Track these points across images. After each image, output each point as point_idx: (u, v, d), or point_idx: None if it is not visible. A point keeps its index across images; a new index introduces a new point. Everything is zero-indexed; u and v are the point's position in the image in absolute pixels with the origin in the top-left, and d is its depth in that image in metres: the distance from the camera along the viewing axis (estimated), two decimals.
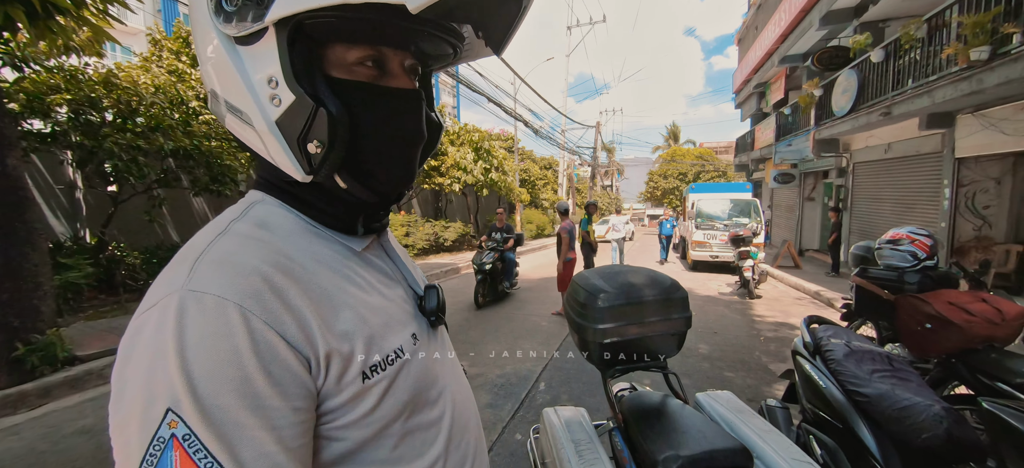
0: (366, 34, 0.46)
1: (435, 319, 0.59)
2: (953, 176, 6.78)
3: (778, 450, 1.15)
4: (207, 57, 0.47)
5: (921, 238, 2.45)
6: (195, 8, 0.47)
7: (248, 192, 0.55)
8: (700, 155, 39.24)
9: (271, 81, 0.44)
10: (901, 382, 1.79)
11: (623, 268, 1.40)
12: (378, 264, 0.57)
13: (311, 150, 0.46)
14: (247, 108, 0.46)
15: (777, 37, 11.82)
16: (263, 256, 0.44)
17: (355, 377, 0.46)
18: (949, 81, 5.46)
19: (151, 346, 0.38)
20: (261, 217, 0.50)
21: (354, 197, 0.51)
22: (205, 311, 0.39)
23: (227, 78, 0.46)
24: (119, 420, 0.38)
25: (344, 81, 0.47)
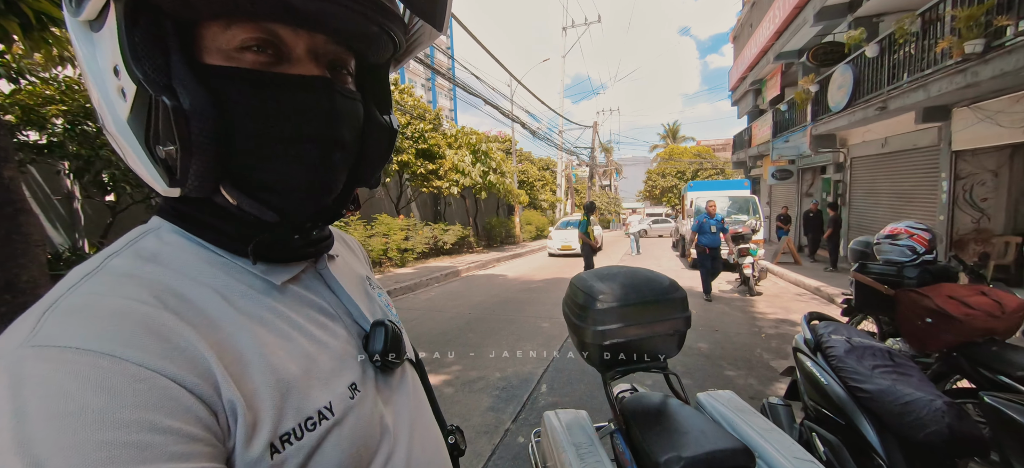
0: (245, 6, 0.35)
1: (383, 363, 0.49)
2: (950, 169, 6.80)
3: (780, 449, 1.15)
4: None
5: (920, 232, 2.45)
6: None
7: (150, 220, 0.44)
8: (698, 153, 39.32)
9: (116, 70, 0.36)
10: (903, 377, 1.79)
11: (621, 269, 1.39)
12: (309, 298, 0.46)
13: (161, 155, 0.37)
14: (100, 109, 0.38)
15: (772, 34, 11.86)
16: (140, 295, 0.35)
17: (262, 451, 0.35)
18: (944, 75, 5.48)
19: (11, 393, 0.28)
20: (151, 249, 0.40)
21: (250, 216, 0.41)
22: (53, 367, 0.29)
23: (84, 77, 0.38)
24: None
25: (214, 68, 0.37)
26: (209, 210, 0.42)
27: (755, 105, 16.50)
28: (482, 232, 17.17)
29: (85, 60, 0.38)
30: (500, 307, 6.70)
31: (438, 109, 15.29)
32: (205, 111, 0.35)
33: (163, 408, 0.30)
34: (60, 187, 6.39)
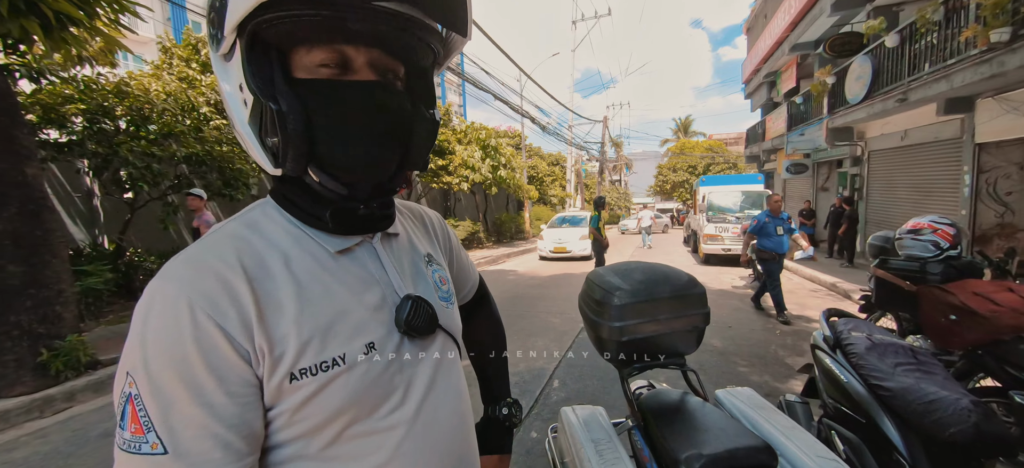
0: (321, 35, 0.49)
1: (408, 330, 0.58)
2: (973, 162, 6.61)
3: (803, 448, 1.13)
4: (222, 70, 0.53)
5: (944, 227, 2.39)
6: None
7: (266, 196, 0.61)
8: (710, 147, 38.80)
9: (241, 87, 0.50)
10: (926, 375, 1.74)
11: (639, 264, 1.38)
12: (356, 267, 0.58)
13: (270, 145, 0.51)
14: (231, 115, 0.53)
15: (787, 25, 11.61)
16: (230, 256, 0.51)
17: (283, 377, 0.49)
18: (968, 65, 5.31)
19: (133, 321, 0.47)
20: (253, 219, 0.56)
21: (329, 191, 0.55)
22: (164, 300, 0.46)
23: (222, 93, 0.54)
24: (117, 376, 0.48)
25: (302, 80, 0.50)
26: (297, 190, 0.56)
27: (769, 98, 16.20)
28: (492, 228, 17.18)
29: (222, 81, 0.53)
30: (511, 303, 6.70)
31: (448, 105, 15.30)
32: (296, 112, 0.49)
33: (214, 350, 0.46)
34: (80, 184, 6.53)
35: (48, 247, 3.54)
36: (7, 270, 3.30)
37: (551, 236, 12.49)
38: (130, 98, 5.69)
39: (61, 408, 3.33)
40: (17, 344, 3.33)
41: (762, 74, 15.69)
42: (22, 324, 3.36)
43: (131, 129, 5.76)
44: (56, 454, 2.73)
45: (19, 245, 3.36)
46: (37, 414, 3.22)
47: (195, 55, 8.07)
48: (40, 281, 3.47)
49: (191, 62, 7.98)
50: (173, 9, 19.17)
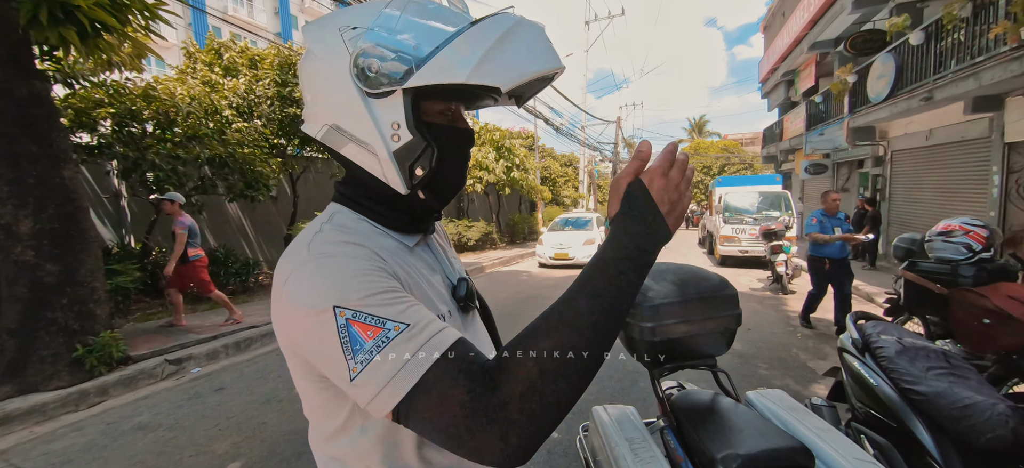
0: (449, 95, 0.64)
1: (464, 305, 0.74)
2: (1003, 162, 6.42)
3: (839, 450, 1.13)
4: (337, 103, 0.61)
5: (976, 229, 2.34)
6: (331, 67, 0.60)
7: (329, 205, 0.71)
8: (725, 147, 38.28)
9: (394, 124, 0.59)
10: (960, 380, 1.71)
11: (670, 265, 1.38)
12: (424, 257, 0.72)
13: (418, 173, 0.62)
14: (372, 141, 0.61)
15: (806, 23, 11.42)
16: (356, 241, 0.61)
17: None
18: (997, 62, 5.17)
19: (309, 284, 0.54)
20: (341, 222, 0.66)
21: (421, 205, 0.68)
22: (330, 259, 0.56)
23: (358, 120, 0.60)
24: (311, 332, 0.53)
25: (435, 125, 0.63)
26: (383, 202, 0.67)
27: (787, 97, 15.94)
28: (505, 228, 17.21)
29: (368, 113, 0.59)
30: (525, 304, 6.72)
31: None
32: (436, 151, 0.62)
33: (382, 270, 0.58)
34: (108, 186, 6.74)
35: (84, 247, 3.67)
36: (45, 269, 3.43)
37: (552, 241, 11.13)
38: (157, 102, 5.85)
39: (94, 402, 3.45)
40: (54, 340, 3.46)
41: (780, 73, 15.44)
42: (58, 321, 3.49)
43: (157, 132, 5.92)
44: (92, 446, 2.83)
45: (57, 245, 3.49)
46: (72, 408, 3.34)
47: (218, 60, 8.26)
48: (76, 279, 3.60)
49: (214, 66, 8.17)
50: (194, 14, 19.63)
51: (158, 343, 4.39)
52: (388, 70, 0.57)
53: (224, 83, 7.72)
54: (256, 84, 7.77)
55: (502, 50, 0.54)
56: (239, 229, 8.95)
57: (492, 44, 0.54)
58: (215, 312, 5.89)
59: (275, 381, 3.86)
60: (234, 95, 7.61)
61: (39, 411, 3.20)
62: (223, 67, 8.18)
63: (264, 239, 9.44)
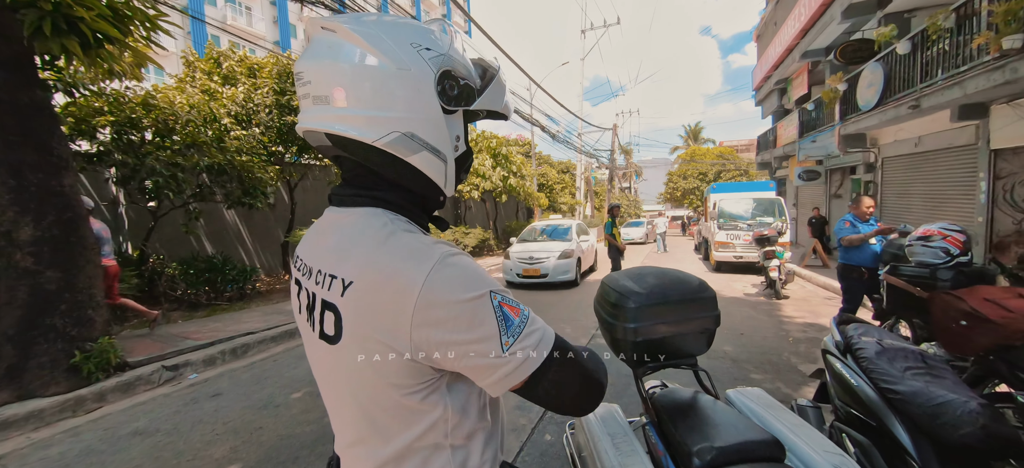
0: (478, 117, 0.77)
1: None
2: (989, 169, 6.54)
3: (811, 444, 1.18)
4: (417, 113, 0.65)
5: (954, 234, 2.42)
6: (415, 80, 0.64)
7: (368, 208, 0.69)
8: (720, 154, 38.56)
9: (456, 137, 0.71)
10: (936, 379, 1.77)
11: (652, 269, 1.45)
12: None
13: (462, 178, 0.75)
14: (445, 149, 0.69)
15: (797, 32, 11.61)
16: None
17: None
18: (981, 71, 5.30)
19: (460, 276, 0.60)
20: (405, 226, 0.68)
21: (438, 206, 0.77)
22: (460, 256, 0.63)
23: (436, 131, 0.67)
24: (464, 315, 0.59)
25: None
26: (414, 204, 0.73)
27: (780, 105, 16.13)
28: (502, 235, 17.28)
29: (442, 125, 0.68)
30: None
31: None
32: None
33: None
34: (106, 193, 6.78)
35: (83, 254, 3.71)
36: (45, 275, 3.47)
37: (520, 253, 9.02)
38: (156, 110, 5.91)
39: (92, 408, 3.47)
40: (52, 346, 3.49)
41: (773, 81, 15.64)
42: (57, 327, 3.52)
43: (157, 140, 5.98)
44: (90, 452, 2.86)
45: (57, 252, 3.53)
46: (70, 414, 3.37)
47: (217, 68, 8.34)
48: (74, 286, 3.63)
49: (213, 75, 8.25)
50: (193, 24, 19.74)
51: (156, 350, 4.41)
52: (462, 92, 0.69)
53: (223, 91, 7.79)
54: (255, 93, 7.85)
55: (506, 91, 0.77)
56: (236, 236, 8.98)
57: (505, 86, 0.77)
58: (214, 319, 5.91)
59: (272, 387, 3.90)
60: (233, 103, 7.68)
61: (37, 417, 3.22)
62: (222, 76, 8.25)
63: (261, 246, 9.47)
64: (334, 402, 0.73)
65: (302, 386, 3.87)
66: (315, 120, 0.64)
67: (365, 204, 0.69)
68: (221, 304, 6.80)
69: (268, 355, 4.86)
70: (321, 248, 0.70)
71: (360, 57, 0.61)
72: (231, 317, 6.04)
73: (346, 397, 0.67)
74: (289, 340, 5.37)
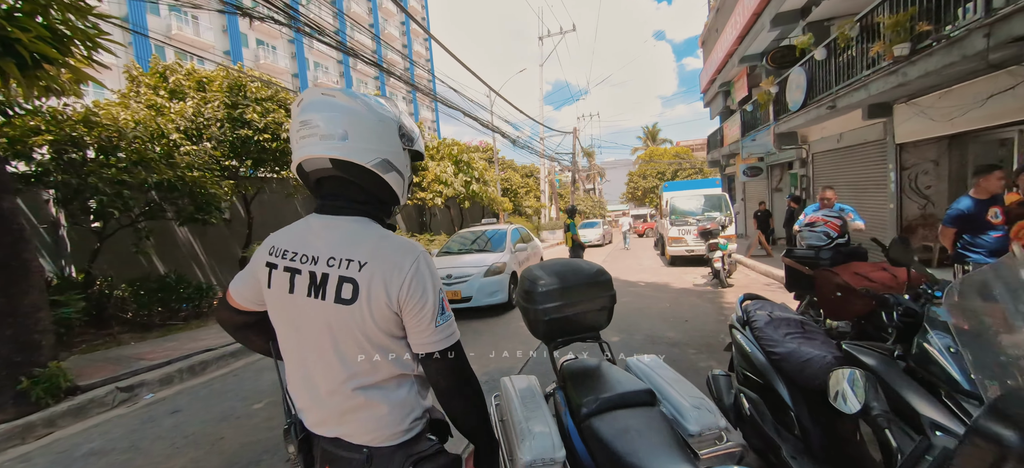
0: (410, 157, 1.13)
1: None
2: (896, 161, 7.35)
3: (680, 392, 1.48)
4: (391, 148, 0.99)
5: (832, 219, 2.84)
6: (390, 129, 0.98)
7: (357, 217, 0.99)
8: (677, 153, 40.23)
9: (407, 166, 1.06)
10: (808, 340, 2.14)
11: (560, 261, 1.72)
12: None
13: (410, 193, 1.13)
14: (405, 172, 1.05)
15: (735, 39, 12.47)
16: None
17: None
18: (880, 75, 6.00)
19: (429, 269, 0.95)
20: (386, 231, 1.02)
21: (393, 214, 1.12)
22: (428, 256, 0.97)
23: (400, 159, 1.02)
24: (425, 294, 0.93)
25: None
26: (381, 211, 1.05)
27: (725, 106, 17.17)
28: None
29: (400, 158, 1.02)
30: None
31: (419, 122, 15.57)
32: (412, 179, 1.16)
33: None
34: (45, 215, 6.50)
35: (26, 278, 3.65)
36: None
37: (451, 269, 6.92)
38: (99, 127, 5.76)
39: (42, 433, 3.42)
40: None
41: (717, 84, 16.64)
42: (1, 354, 3.45)
43: (100, 158, 5.82)
44: None
45: None
46: (19, 440, 3.31)
47: (163, 83, 8.13)
48: (19, 311, 3.56)
49: (159, 89, 8.04)
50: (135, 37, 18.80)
51: (108, 371, 4.34)
52: (411, 138, 1.04)
53: (170, 106, 7.62)
54: (205, 107, 7.72)
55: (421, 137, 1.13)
56: (191, 253, 8.74)
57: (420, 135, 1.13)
58: (169, 338, 5.80)
59: (232, 399, 3.94)
60: (181, 118, 7.53)
61: None
62: (169, 90, 8.06)
63: (217, 262, 9.25)
64: (328, 354, 0.95)
65: (265, 396, 3.94)
66: (324, 149, 0.92)
67: (351, 213, 0.99)
68: (176, 323, 6.65)
69: (229, 370, 4.86)
70: (325, 242, 0.96)
71: (358, 111, 0.94)
72: (188, 336, 5.94)
73: (350, 343, 0.93)
74: (249, 355, 5.36)
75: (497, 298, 6.74)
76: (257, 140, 7.87)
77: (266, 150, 8.06)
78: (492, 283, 6.73)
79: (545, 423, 1.34)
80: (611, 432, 1.21)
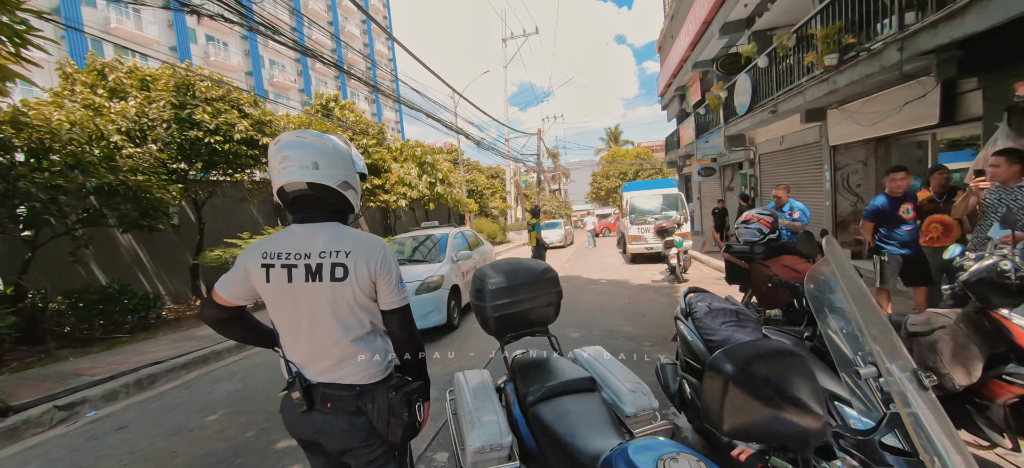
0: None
1: None
2: (830, 161, 7.96)
3: (619, 378, 1.62)
4: (349, 173, 1.35)
5: (764, 217, 3.11)
6: (347, 159, 1.35)
7: (333, 222, 1.35)
8: (638, 154, 41.49)
9: (359, 185, 1.42)
10: (741, 328, 2.34)
11: (510, 261, 1.82)
12: None
13: (360, 205, 1.55)
14: (358, 188, 1.40)
15: (688, 45, 13.07)
16: None
17: None
18: (814, 83, 6.50)
19: (391, 251, 1.36)
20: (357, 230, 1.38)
21: (349, 219, 1.45)
22: (389, 244, 1.38)
23: (355, 181, 1.39)
24: (391, 269, 1.33)
25: None
26: (345, 220, 1.41)
27: (681, 109, 17.91)
28: None
29: (357, 178, 1.41)
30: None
31: (381, 124, 15.33)
32: None
33: None
34: None
35: None
36: None
37: None
38: (29, 129, 5.37)
39: None
40: None
41: (673, 88, 17.35)
42: None
43: (31, 161, 5.43)
44: None
45: None
46: None
47: (102, 81, 7.65)
48: None
49: (97, 88, 7.56)
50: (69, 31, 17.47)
51: (44, 390, 4.08)
52: (359, 166, 1.40)
53: (110, 106, 7.18)
54: (149, 106, 7.32)
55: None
56: (135, 261, 8.27)
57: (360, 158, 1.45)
58: (113, 352, 5.49)
59: (186, 413, 3.80)
60: (123, 119, 7.11)
61: None
62: (108, 89, 7.59)
63: (166, 271, 8.79)
64: (328, 320, 1.28)
65: (219, 408, 3.83)
66: (301, 176, 1.25)
67: (325, 220, 1.33)
68: (120, 337, 6.29)
69: (180, 383, 4.67)
70: (313, 241, 1.28)
71: (324, 147, 1.29)
72: (134, 349, 5.64)
73: (345, 308, 1.28)
74: (203, 365, 5.16)
75: (432, 320, 5.57)
76: (208, 142, 7.54)
77: (218, 152, 7.73)
78: (425, 302, 5.51)
79: (494, 412, 1.43)
80: (553, 416, 1.32)
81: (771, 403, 0.85)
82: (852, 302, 1.05)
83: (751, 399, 0.85)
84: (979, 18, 3.72)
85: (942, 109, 5.38)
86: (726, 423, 0.87)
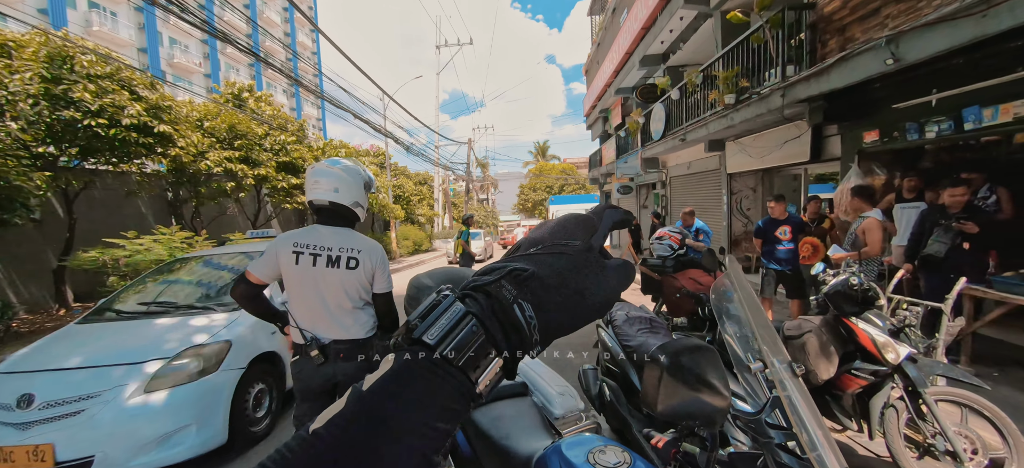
0: None
1: None
2: (727, 187, 9.02)
3: (549, 382, 1.71)
4: (360, 194, 2.01)
5: (674, 234, 3.47)
6: (359, 185, 2.00)
7: (346, 228, 1.99)
8: (564, 170, 43.35)
9: (366, 198, 2.06)
10: (653, 333, 2.58)
11: (446, 269, 1.84)
12: None
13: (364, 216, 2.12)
14: (364, 204, 2.05)
15: (611, 72, 14.05)
16: None
17: None
18: (715, 117, 7.36)
19: (384, 253, 2.03)
20: None
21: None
22: None
23: (364, 199, 2.03)
24: (385, 266, 2.03)
25: None
26: (353, 226, 2.07)
27: (604, 130, 19.12)
28: None
29: (364, 197, 2.06)
30: None
31: (302, 121, 14.36)
32: None
33: None
34: None
35: None
36: None
37: None
38: None
39: None
40: None
41: (597, 110, 18.49)
42: None
43: None
44: None
45: None
46: None
47: None
48: None
49: None
50: None
51: None
52: (370, 184, 2.04)
53: None
54: (11, 77, 6.16)
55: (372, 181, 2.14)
56: None
57: (373, 179, 2.12)
58: None
59: None
60: None
61: None
62: None
63: (22, 274, 7.38)
64: (340, 294, 1.87)
65: None
66: (328, 197, 1.88)
67: (341, 226, 1.94)
68: None
69: None
70: (334, 240, 1.89)
71: (345, 176, 1.92)
72: None
73: (353, 287, 1.89)
74: None
75: (186, 445, 2.67)
76: (87, 124, 6.51)
77: (100, 138, 6.69)
78: (145, 417, 2.55)
79: None
80: (486, 421, 1.36)
81: (693, 387, 1.02)
82: (747, 310, 1.24)
83: (679, 385, 1.02)
84: (841, 75, 4.52)
85: (812, 148, 6.39)
86: (660, 404, 1.03)
